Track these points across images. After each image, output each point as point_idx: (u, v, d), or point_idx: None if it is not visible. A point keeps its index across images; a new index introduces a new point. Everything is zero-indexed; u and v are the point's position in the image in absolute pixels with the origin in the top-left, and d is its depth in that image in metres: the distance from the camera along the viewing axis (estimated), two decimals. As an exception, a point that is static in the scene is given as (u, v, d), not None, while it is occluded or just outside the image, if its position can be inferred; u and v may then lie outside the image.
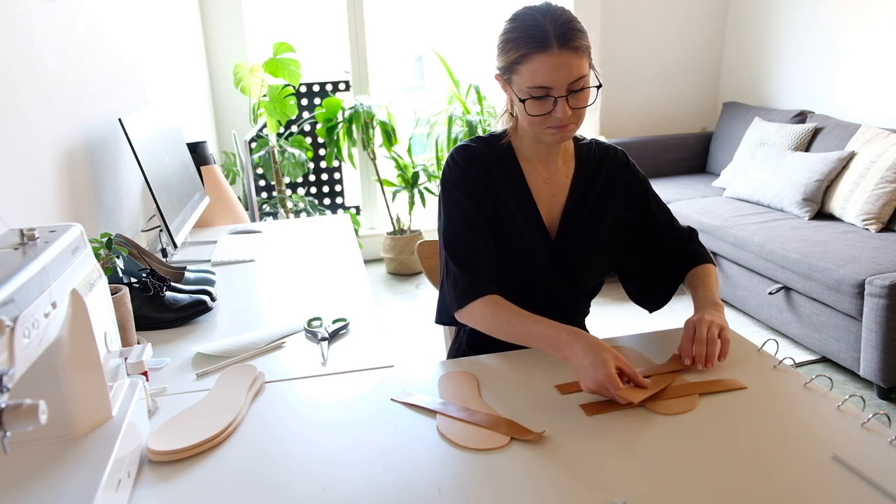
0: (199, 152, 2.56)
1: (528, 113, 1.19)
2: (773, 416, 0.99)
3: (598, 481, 0.85)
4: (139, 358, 0.98)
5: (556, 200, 1.33)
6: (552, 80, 1.14)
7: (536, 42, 1.14)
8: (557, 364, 1.17)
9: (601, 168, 1.35)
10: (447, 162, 1.31)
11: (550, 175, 1.33)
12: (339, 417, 1.04)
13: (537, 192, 1.32)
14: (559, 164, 1.33)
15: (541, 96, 1.16)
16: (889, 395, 2.42)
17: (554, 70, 1.14)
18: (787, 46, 3.85)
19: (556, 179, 1.33)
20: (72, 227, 0.88)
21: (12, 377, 0.60)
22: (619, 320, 3.17)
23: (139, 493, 0.87)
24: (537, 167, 1.32)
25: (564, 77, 1.14)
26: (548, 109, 1.17)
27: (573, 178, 1.34)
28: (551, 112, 1.17)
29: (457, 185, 1.28)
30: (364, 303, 1.58)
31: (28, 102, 1.49)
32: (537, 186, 1.32)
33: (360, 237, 3.45)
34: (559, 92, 1.15)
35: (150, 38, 2.58)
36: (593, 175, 1.35)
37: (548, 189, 1.33)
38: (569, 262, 1.33)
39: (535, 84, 1.15)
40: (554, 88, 1.15)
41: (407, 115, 4.03)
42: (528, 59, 1.15)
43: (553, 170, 1.33)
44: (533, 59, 1.14)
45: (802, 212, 3.08)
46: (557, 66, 1.13)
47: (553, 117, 1.17)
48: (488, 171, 1.30)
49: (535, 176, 1.32)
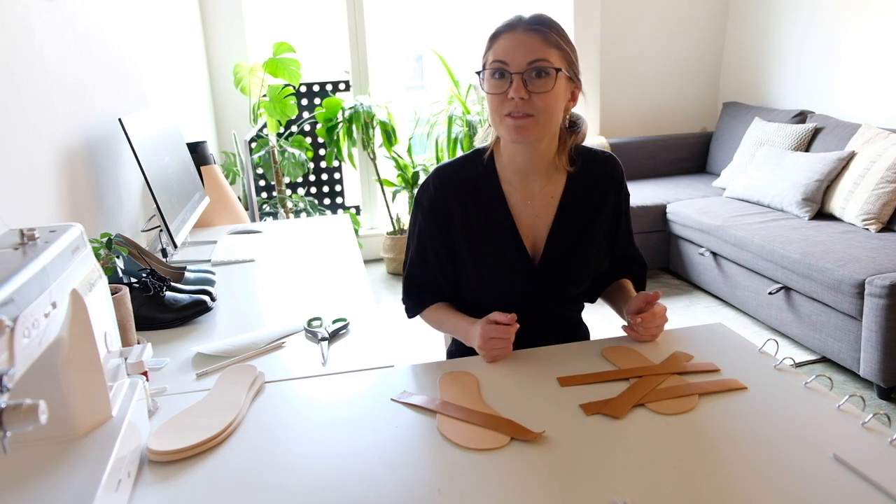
0: (199, 152, 2.56)
1: (485, 90, 1.19)
2: (773, 416, 0.99)
3: (598, 481, 0.85)
4: (139, 358, 0.98)
5: (540, 221, 1.29)
6: (511, 56, 1.15)
7: (506, 24, 1.18)
8: (557, 364, 1.18)
9: (597, 184, 1.30)
10: (423, 184, 1.32)
11: (532, 194, 1.28)
12: (339, 417, 1.04)
13: (518, 213, 1.28)
14: (542, 181, 1.28)
15: (498, 74, 1.16)
16: (889, 395, 2.42)
17: (513, 45, 1.15)
18: (787, 46, 3.85)
19: (540, 199, 1.28)
20: (72, 227, 0.88)
21: (12, 377, 0.60)
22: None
23: (139, 493, 0.87)
24: (517, 186, 1.28)
25: (522, 54, 1.14)
26: (502, 88, 1.16)
27: (562, 194, 1.29)
28: (507, 92, 1.15)
29: (423, 210, 1.32)
30: (364, 303, 1.58)
31: (28, 102, 1.49)
32: (518, 208, 1.28)
33: (360, 237, 3.45)
34: (516, 68, 1.14)
35: (150, 38, 2.58)
36: (587, 191, 1.30)
37: (530, 210, 1.28)
38: (554, 284, 1.30)
39: (495, 58, 1.17)
40: (511, 64, 1.15)
41: (407, 115, 4.03)
42: (496, 39, 1.18)
43: (534, 188, 1.28)
44: (499, 38, 1.18)
45: (802, 212, 3.08)
46: (518, 42, 1.15)
47: (508, 99, 1.15)
48: (461, 199, 1.28)
49: (516, 196, 1.28)
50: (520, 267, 1.29)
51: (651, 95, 4.34)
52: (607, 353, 1.21)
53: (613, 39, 4.17)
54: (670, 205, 3.56)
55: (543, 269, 1.29)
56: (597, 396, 1.06)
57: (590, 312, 1.47)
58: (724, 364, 1.15)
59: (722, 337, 1.27)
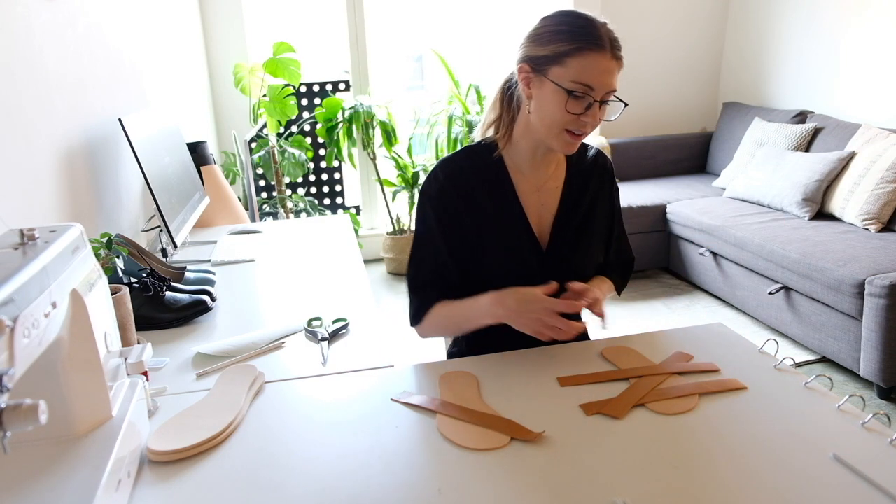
0: (199, 152, 2.56)
1: (567, 109, 1.15)
2: (773, 416, 0.99)
3: (598, 481, 0.85)
4: (139, 358, 0.98)
5: (546, 209, 1.32)
6: (599, 82, 1.13)
7: (593, 39, 1.13)
8: (557, 364, 1.18)
9: (592, 174, 1.35)
10: (429, 175, 1.31)
11: (541, 183, 1.31)
12: (339, 417, 1.04)
13: (526, 201, 1.30)
14: (549, 173, 1.32)
15: (580, 95, 1.14)
16: (889, 395, 2.42)
17: (604, 72, 1.13)
18: (787, 46, 3.85)
19: (547, 187, 1.32)
20: (72, 227, 0.88)
21: (12, 377, 0.60)
22: (619, 320, 3.17)
23: (139, 493, 0.87)
24: (528, 176, 1.30)
25: (608, 82, 1.14)
26: (581, 110, 1.15)
27: (564, 185, 1.33)
28: (583, 114, 1.15)
29: (432, 200, 1.29)
30: (364, 303, 1.58)
31: (28, 102, 1.49)
32: (527, 196, 1.31)
33: (360, 237, 3.45)
34: (598, 95, 1.14)
35: (150, 38, 2.58)
36: (585, 181, 1.34)
37: (537, 198, 1.31)
38: (561, 271, 1.30)
39: (581, 80, 1.13)
40: (596, 90, 1.14)
41: (407, 115, 4.03)
42: (581, 53, 1.12)
43: (544, 178, 1.32)
44: (586, 54, 1.12)
45: (802, 212, 3.08)
46: (607, 70, 1.13)
47: (580, 120, 1.16)
48: (471, 186, 1.28)
49: (524, 186, 1.30)
50: (529, 253, 1.30)
51: (651, 95, 4.34)
52: (607, 353, 1.21)
53: (613, 39, 4.17)
54: (670, 205, 3.56)
55: (551, 255, 1.31)
56: (597, 396, 1.06)
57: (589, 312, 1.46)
58: (724, 364, 1.16)
59: (722, 337, 1.27)
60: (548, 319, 1.13)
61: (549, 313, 1.13)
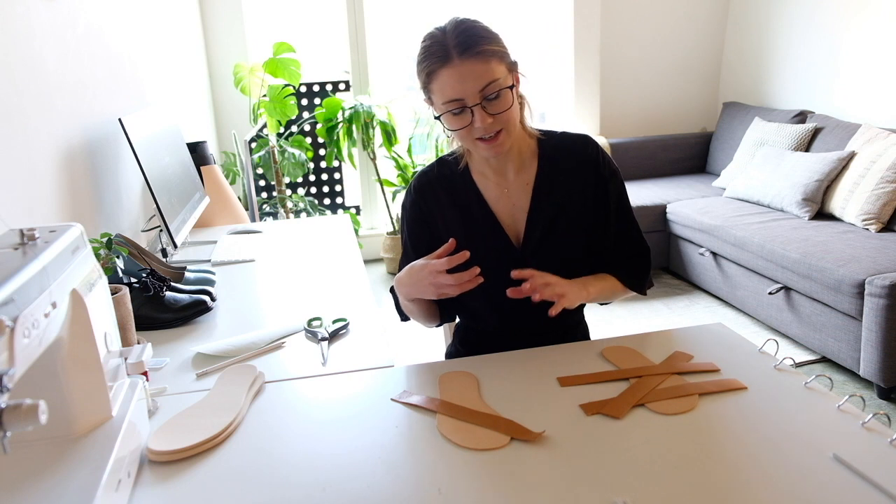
0: (199, 152, 2.56)
1: (450, 128, 1.18)
2: (773, 416, 0.99)
3: (598, 481, 0.85)
4: (139, 358, 0.98)
5: (517, 209, 1.30)
6: (461, 91, 1.13)
7: (437, 57, 1.14)
8: (557, 364, 1.18)
9: (568, 169, 1.30)
10: (407, 187, 1.34)
11: (508, 183, 1.30)
12: (339, 417, 1.04)
13: (496, 203, 1.30)
14: (516, 167, 1.30)
15: (457, 110, 1.15)
16: (889, 395, 2.42)
17: (459, 81, 1.13)
18: (787, 46, 3.85)
19: (515, 186, 1.30)
20: (72, 227, 0.88)
21: (12, 377, 0.60)
22: (619, 320, 3.17)
23: (139, 493, 0.87)
24: (493, 180, 1.30)
25: (472, 86, 1.13)
26: (467, 122, 1.16)
27: (535, 180, 1.30)
28: (471, 124, 1.16)
29: (406, 213, 1.35)
30: (364, 303, 1.58)
31: (28, 102, 1.49)
32: (495, 198, 1.30)
33: (360, 237, 3.45)
34: (472, 101, 1.14)
35: (150, 38, 2.58)
36: (559, 178, 1.30)
37: (507, 199, 1.30)
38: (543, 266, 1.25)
39: (447, 98, 1.14)
40: (465, 98, 1.14)
41: (407, 115, 4.02)
42: (434, 75, 1.15)
43: (509, 177, 1.30)
44: (438, 74, 1.14)
45: (802, 212, 3.08)
46: (462, 76, 1.12)
47: (475, 128, 1.16)
48: (438, 196, 1.32)
49: (492, 190, 1.30)
50: (503, 253, 1.29)
51: (651, 95, 4.34)
52: (607, 353, 1.21)
53: (613, 39, 4.17)
54: (670, 205, 3.56)
55: (527, 252, 1.29)
56: (597, 396, 1.06)
57: (590, 312, 1.47)
58: (724, 364, 1.16)
59: (722, 337, 1.27)
60: (438, 279, 1.13)
61: (435, 274, 1.13)
